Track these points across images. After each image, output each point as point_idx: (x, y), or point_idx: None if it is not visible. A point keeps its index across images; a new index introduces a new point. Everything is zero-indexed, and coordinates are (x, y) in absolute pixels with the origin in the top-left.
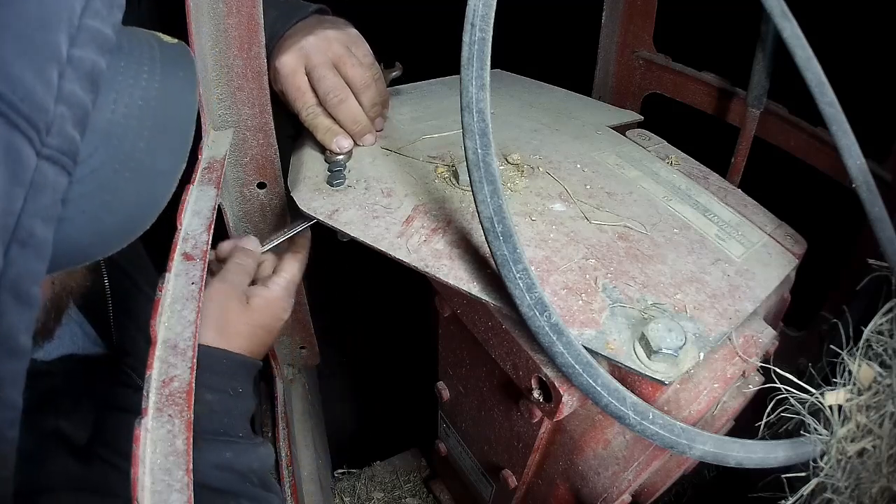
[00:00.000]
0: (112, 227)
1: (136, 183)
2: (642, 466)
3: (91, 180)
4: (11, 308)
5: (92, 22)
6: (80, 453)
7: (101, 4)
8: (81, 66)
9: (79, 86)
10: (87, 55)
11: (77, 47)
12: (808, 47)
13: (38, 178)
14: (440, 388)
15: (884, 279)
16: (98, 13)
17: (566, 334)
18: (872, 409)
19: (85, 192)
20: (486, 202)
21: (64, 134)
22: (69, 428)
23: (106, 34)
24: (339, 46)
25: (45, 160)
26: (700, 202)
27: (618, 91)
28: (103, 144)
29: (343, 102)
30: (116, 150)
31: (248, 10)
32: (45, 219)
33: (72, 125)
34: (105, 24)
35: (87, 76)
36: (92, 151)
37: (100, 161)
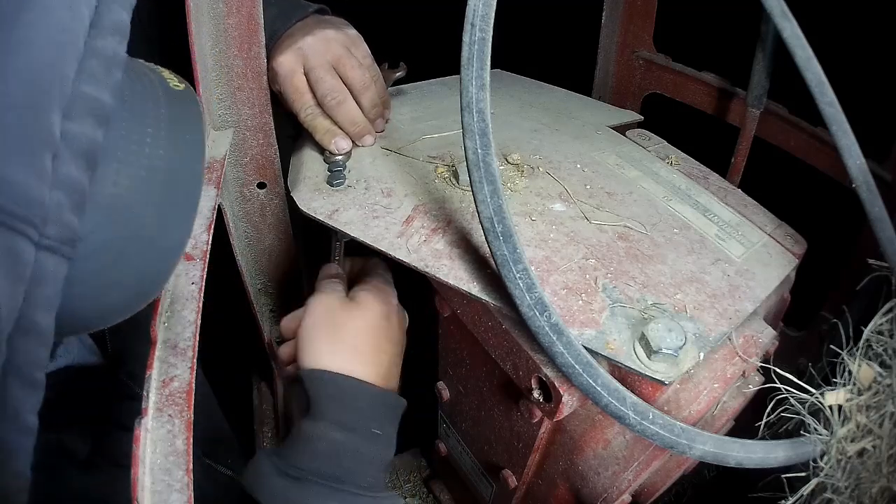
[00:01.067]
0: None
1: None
2: (642, 466)
3: (94, 258)
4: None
5: (87, 89)
6: (83, 466)
7: (98, 65)
8: (77, 143)
9: (75, 166)
10: (83, 130)
11: (72, 121)
12: (808, 47)
13: (38, 270)
14: (440, 388)
15: (884, 279)
16: (94, 76)
17: (566, 334)
18: (872, 409)
19: (89, 271)
20: (486, 202)
21: (61, 222)
22: (70, 441)
23: (103, 102)
24: (337, 47)
25: (44, 251)
26: (700, 202)
27: (618, 91)
28: (106, 221)
29: (341, 104)
30: (120, 225)
31: (248, 10)
32: (46, 308)
33: (69, 210)
34: (102, 89)
35: (83, 154)
36: (94, 228)
37: (102, 238)
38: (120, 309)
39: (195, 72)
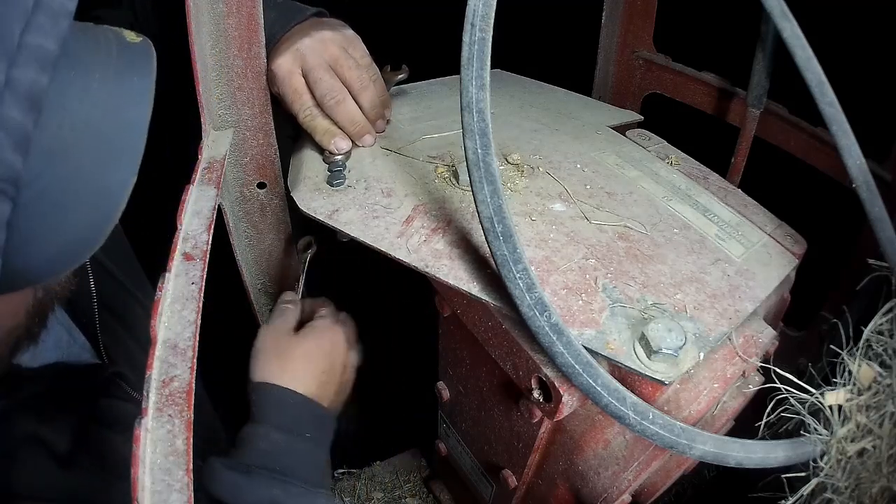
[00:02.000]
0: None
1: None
2: (642, 466)
3: (38, 203)
4: None
5: (33, 38)
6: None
7: (45, 17)
8: (20, 87)
9: (18, 109)
10: (26, 75)
11: (16, 67)
12: (808, 47)
13: None
14: (440, 388)
15: (884, 279)
16: (41, 28)
17: (566, 334)
18: (872, 409)
19: (33, 215)
20: (486, 202)
21: (3, 161)
22: (49, 434)
23: (48, 49)
24: (335, 48)
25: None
26: (700, 202)
27: (618, 91)
28: (49, 165)
29: (340, 104)
30: (62, 169)
31: (248, 10)
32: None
33: (11, 150)
34: (48, 38)
35: (27, 97)
36: (37, 173)
37: (45, 183)
38: (68, 255)
39: (195, 72)
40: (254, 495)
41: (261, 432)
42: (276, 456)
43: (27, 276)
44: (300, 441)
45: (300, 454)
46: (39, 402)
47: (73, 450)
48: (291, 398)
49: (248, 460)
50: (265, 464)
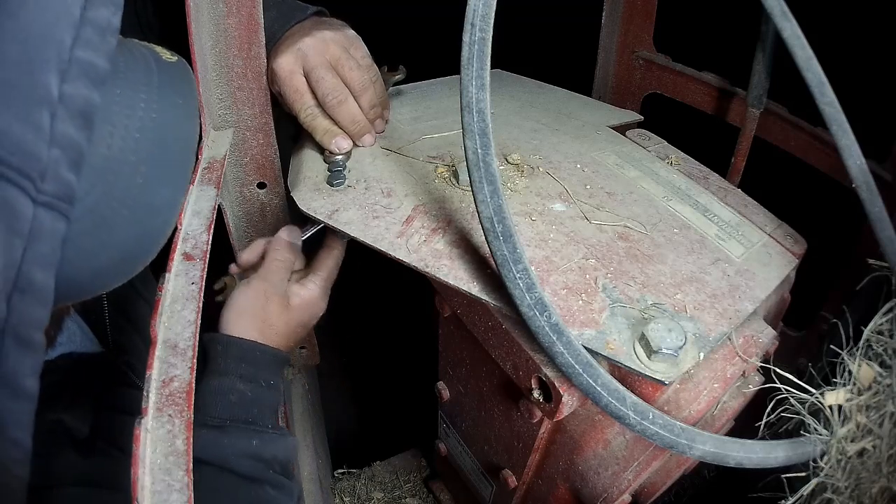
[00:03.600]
0: (110, 263)
1: (134, 219)
2: (642, 466)
3: (87, 219)
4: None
5: (83, 54)
6: (83, 446)
7: (93, 33)
8: (73, 103)
9: (72, 125)
10: (79, 91)
11: (68, 83)
12: (808, 47)
13: (36, 226)
14: (440, 388)
15: (884, 279)
16: (90, 43)
17: (566, 334)
18: (872, 409)
19: (81, 231)
20: (486, 202)
21: (59, 179)
22: (71, 421)
23: (98, 66)
24: (336, 48)
25: (42, 207)
26: (700, 202)
27: (618, 91)
28: (99, 182)
29: (342, 104)
30: (112, 186)
31: (248, 10)
32: (44, 266)
33: (67, 168)
34: (98, 54)
35: (80, 114)
36: (88, 189)
37: (96, 199)
38: (115, 270)
39: (195, 72)
40: (233, 448)
41: (227, 385)
42: (246, 407)
43: (74, 290)
44: (263, 389)
45: (265, 401)
46: (59, 391)
47: (91, 435)
48: (258, 350)
49: (220, 414)
50: (236, 416)
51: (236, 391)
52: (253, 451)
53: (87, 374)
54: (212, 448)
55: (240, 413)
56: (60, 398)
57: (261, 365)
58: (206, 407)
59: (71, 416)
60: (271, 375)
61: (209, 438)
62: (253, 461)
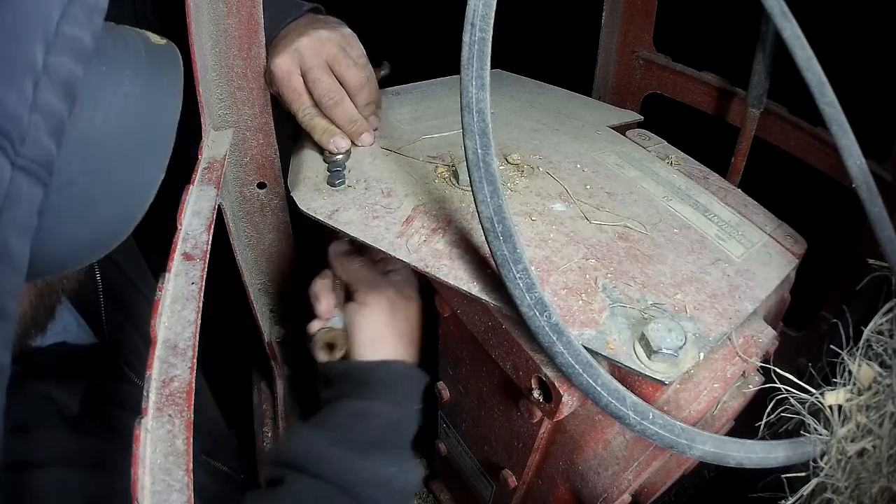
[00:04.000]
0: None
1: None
2: (642, 466)
3: (66, 192)
4: None
5: (69, 29)
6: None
7: (80, 10)
8: (57, 74)
9: (54, 95)
10: (63, 63)
11: (53, 55)
12: (808, 47)
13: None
14: (440, 388)
15: (884, 279)
16: (76, 19)
17: (566, 334)
18: (872, 409)
19: (60, 203)
20: (486, 202)
21: (39, 144)
22: (60, 396)
23: (84, 41)
24: (333, 47)
25: (20, 171)
26: (700, 202)
27: (618, 91)
28: (80, 155)
29: (338, 105)
30: (93, 160)
31: (248, 10)
32: (20, 231)
33: (47, 135)
34: (83, 30)
35: (62, 85)
36: (68, 162)
37: (76, 172)
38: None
39: (195, 72)
40: (368, 473)
41: (375, 409)
42: (393, 432)
43: (51, 263)
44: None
45: (408, 427)
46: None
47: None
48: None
49: (360, 436)
50: (378, 440)
51: (384, 416)
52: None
53: (81, 363)
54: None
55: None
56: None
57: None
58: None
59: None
60: (417, 398)
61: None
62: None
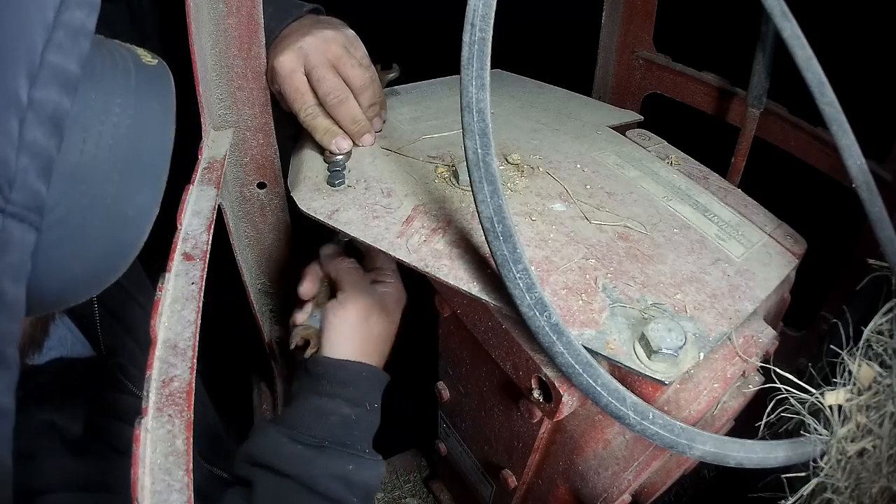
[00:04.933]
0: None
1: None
2: (642, 466)
3: (58, 229)
4: None
5: (54, 58)
6: (75, 447)
7: (65, 36)
8: (43, 109)
9: (41, 132)
10: (49, 97)
11: (38, 88)
12: (808, 47)
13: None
14: (440, 388)
15: (884, 279)
16: (61, 47)
17: (566, 334)
18: (872, 409)
19: (52, 242)
20: (486, 202)
21: (28, 188)
22: (62, 421)
23: (69, 70)
24: (337, 47)
25: (11, 218)
26: (700, 202)
27: (618, 91)
28: (70, 190)
29: (343, 103)
30: (84, 195)
31: (248, 10)
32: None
33: (36, 176)
34: (69, 58)
35: (49, 120)
36: (58, 198)
37: (67, 209)
38: (87, 282)
39: (195, 72)
40: (326, 469)
41: (331, 407)
42: (348, 429)
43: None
44: (367, 413)
45: (366, 425)
46: (49, 392)
47: (85, 436)
48: (363, 370)
49: (318, 433)
50: (336, 436)
51: (340, 414)
52: (344, 475)
53: (80, 377)
54: (302, 465)
55: (339, 435)
56: (51, 399)
57: (367, 388)
58: (305, 426)
59: (62, 416)
60: (375, 399)
61: (303, 456)
62: (340, 484)
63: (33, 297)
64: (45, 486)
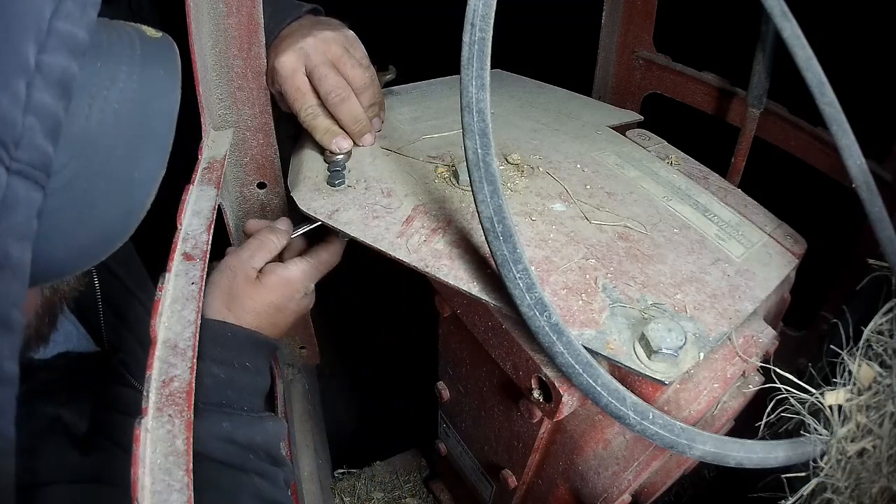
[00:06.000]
0: (88, 239)
1: (113, 193)
2: (642, 466)
3: (64, 193)
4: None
5: (63, 25)
6: (81, 442)
7: (74, 5)
8: (51, 73)
9: (49, 94)
10: (57, 61)
11: (46, 53)
12: (808, 47)
13: (10, 195)
14: (440, 388)
15: (884, 279)
16: (70, 15)
17: (566, 334)
18: (872, 409)
19: (58, 206)
20: (486, 202)
21: (35, 146)
22: (69, 416)
23: (78, 36)
24: (337, 47)
25: (16, 175)
26: (700, 202)
27: (618, 91)
28: (77, 154)
29: (345, 101)
30: (91, 159)
31: (248, 10)
32: (19, 238)
33: (42, 136)
34: (77, 25)
35: (57, 83)
36: (65, 162)
37: (74, 172)
38: (94, 247)
39: (195, 72)
40: (204, 430)
41: (201, 368)
42: (219, 389)
43: (51, 268)
44: (238, 372)
45: (241, 384)
46: (55, 387)
47: (90, 431)
48: (229, 330)
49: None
50: (210, 399)
51: (210, 374)
52: (224, 434)
53: (85, 372)
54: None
55: (212, 396)
56: (58, 394)
57: (233, 346)
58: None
59: (69, 411)
60: (247, 357)
61: None
62: (228, 445)
63: (40, 264)
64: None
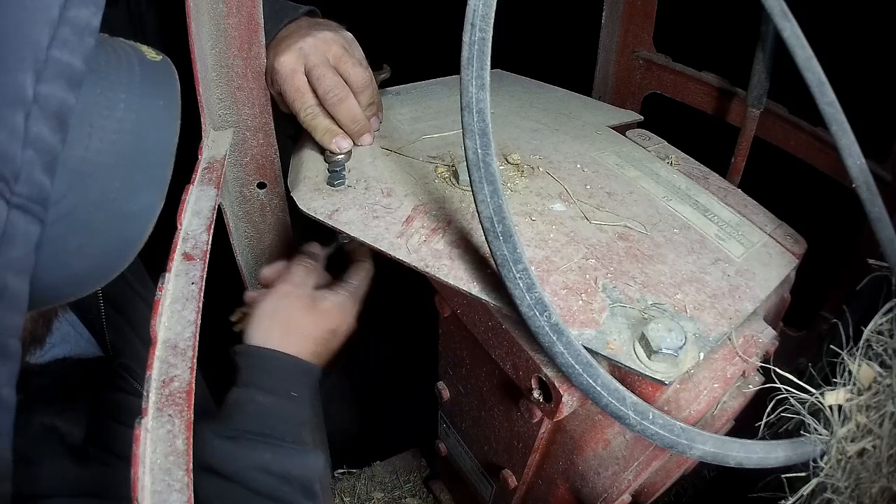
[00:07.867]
0: (86, 269)
1: (111, 224)
2: (642, 466)
3: (62, 224)
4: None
5: (59, 54)
6: (76, 452)
7: (71, 33)
8: (48, 105)
9: (46, 127)
10: (54, 92)
11: (44, 83)
12: (808, 47)
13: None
14: (440, 388)
15: (884, 279)
16: (67, 43)
17: (566, 334)
18: (872, 409)
19: (56, 236)
20: (486, 202)
21: (33, 181)
22: (64, 426)
23: (75, 67)
24: (336, 47)
25: (16, 209)
26: (700, 202)
27: (618, 91)
28: (75, 185)
29: (343, 101)
30: (89, 190)
31: (248, 10)
32: (18, 270)
33: (41, 170)
34: (74, 55)
35: (54, 115)
36: (64, 193)
37: (72, 203)
38: (90, 277)
39: (195, 72)
40: (243, 460)
41: (247, 396)
42: (263, 418)
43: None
44: (284, 401)
45: (286, 414)
46: (51, 395)
47: (85, 441)
48: (281, 360)
49: (235, 425)
50: (252, 428)
51: (254, 402)
52: (264, 465)
53: (82, 378)
54: (225, 459)
55: (255, 425)
56: (53, 403)
57: (281, 375)
58: (227, 418)
59: (64, 421)
60: (294, 387)
61: (223, 449)
62: (265, 475)
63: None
64: (46, 491)
